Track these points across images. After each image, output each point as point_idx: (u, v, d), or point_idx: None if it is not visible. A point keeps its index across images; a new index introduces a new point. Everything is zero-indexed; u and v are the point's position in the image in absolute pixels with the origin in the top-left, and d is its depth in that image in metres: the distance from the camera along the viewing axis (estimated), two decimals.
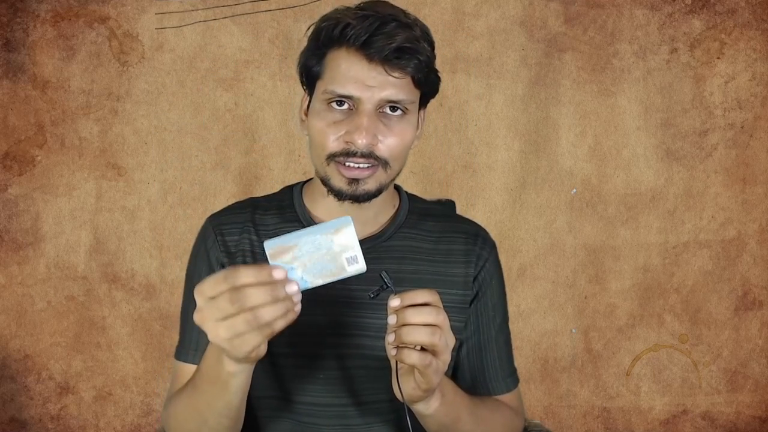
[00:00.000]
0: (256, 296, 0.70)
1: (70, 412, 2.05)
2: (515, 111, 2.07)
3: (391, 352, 0.80)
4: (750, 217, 2.12)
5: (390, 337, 0.79)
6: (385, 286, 0.82)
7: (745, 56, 2.08)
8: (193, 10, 2.00)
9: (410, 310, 0.78)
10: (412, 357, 0.78)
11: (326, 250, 0.72)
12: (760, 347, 2.15)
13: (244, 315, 0.71)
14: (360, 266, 0.74)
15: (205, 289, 0.72)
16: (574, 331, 2.12)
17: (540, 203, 2.09)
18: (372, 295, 0.83)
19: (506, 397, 1.10)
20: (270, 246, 0.72)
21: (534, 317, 2.12)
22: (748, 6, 2.07)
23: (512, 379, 1.11)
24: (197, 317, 0.73)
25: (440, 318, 0.78)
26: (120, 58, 2.00)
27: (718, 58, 2.08)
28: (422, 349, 0.79)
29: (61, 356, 2.04)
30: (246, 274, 0.70)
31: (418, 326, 0.78)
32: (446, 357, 0.80)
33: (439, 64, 0.99)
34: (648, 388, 2.15)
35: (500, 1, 2.05)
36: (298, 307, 0.75)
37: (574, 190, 2.10)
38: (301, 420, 1.02)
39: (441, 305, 0.80)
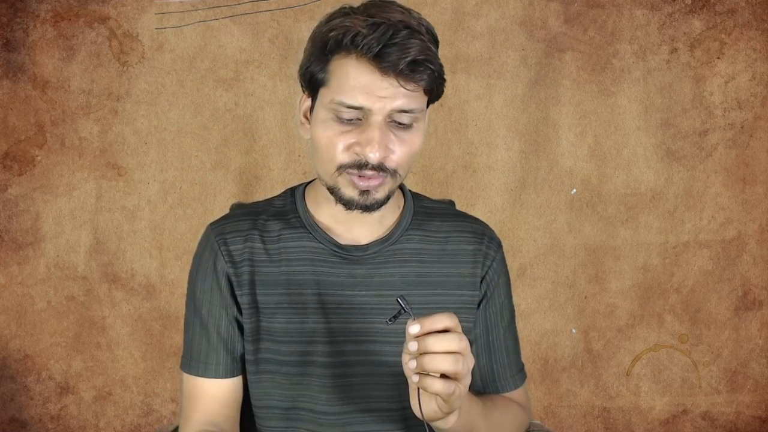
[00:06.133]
0: None
1: (70, 412, 2.05)
2: (515, 111, 2.07)
3: (413, 378, 0.78)
4: (750, 217, 2.12)
5: (412, 364, 0.78)
6: (402, 311, 0.81)
7: (745, 56, 2.08)
8: (193, 10, 2.00)
9: (432, 338, 0.76)
10: (435, 386, 0.77)
11: None
12: (760, 347, 2.15)
13: None
14: None
15: None
16: (574, 331, 2.12)
17: (540, 203, 2.09)
18: (390, 322, 0.82)
19: (514, 394, 1.10)
20: None
21: (534, 317, 2.11)
22: (748, 6, 2.07)
23: (520, 375, 1.11)
24: None
25: (462, 344, 0.77)
26: (120, 58, 2.00)
27: (718, 58, 2.08)
28: (443, 375, 0.78)
29: (61, 356, 2.04)
30: None
31: (441, 354, 0.76)
32: (468, 380, 0.80)
33: None
34: (648, 388, 2.15)
35: (500, 1, 2.05)
36: None
37: (574, 190, 2.10)
38: (307, 428, 1.01)
39: (461, 329, 0.79)
